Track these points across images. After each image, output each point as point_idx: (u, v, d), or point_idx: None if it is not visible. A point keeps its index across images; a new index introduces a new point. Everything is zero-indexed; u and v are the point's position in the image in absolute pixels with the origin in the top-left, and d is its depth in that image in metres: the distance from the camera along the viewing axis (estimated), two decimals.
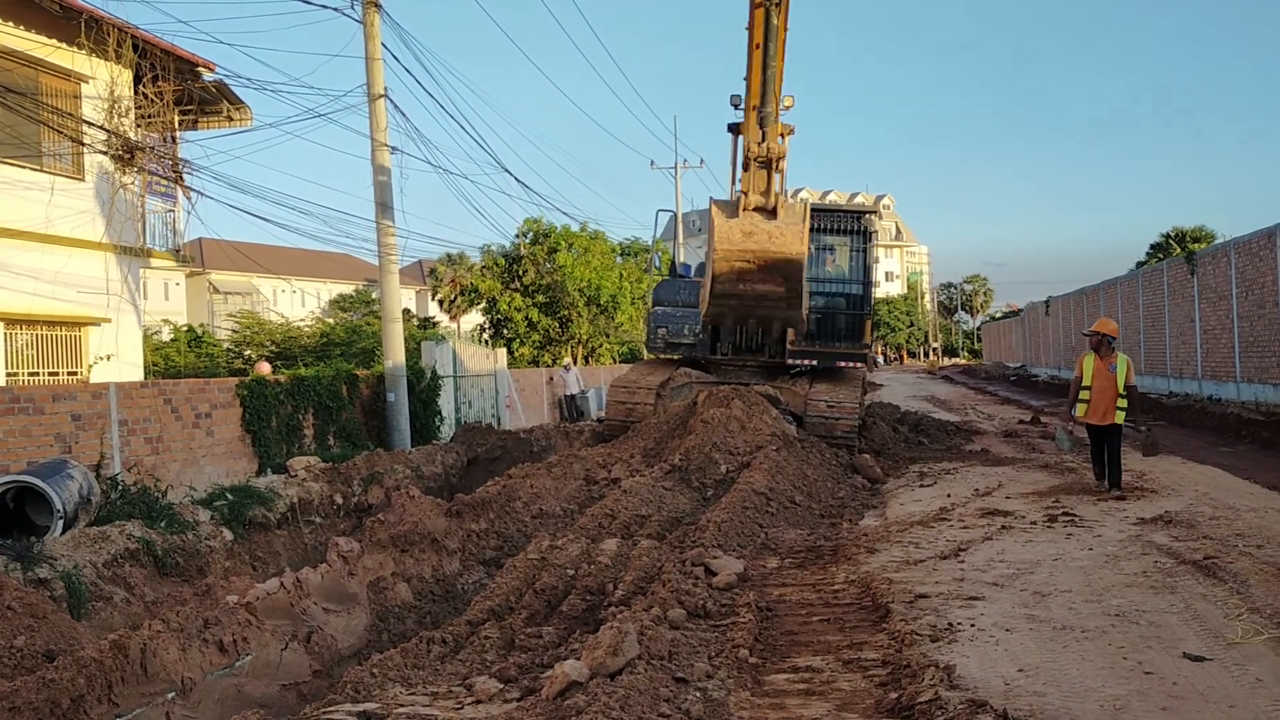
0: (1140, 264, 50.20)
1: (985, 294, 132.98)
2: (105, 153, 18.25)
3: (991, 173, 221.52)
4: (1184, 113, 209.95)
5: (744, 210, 13.86)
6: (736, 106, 14.45)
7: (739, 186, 14.30)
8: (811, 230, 14.90)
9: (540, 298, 38.32)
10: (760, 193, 13.86)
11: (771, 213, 13.86)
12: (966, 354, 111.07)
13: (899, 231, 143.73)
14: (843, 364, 17.93)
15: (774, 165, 13.81)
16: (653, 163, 51.86)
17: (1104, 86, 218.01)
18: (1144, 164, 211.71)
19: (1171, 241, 55.17)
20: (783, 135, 14.06)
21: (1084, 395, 12.07)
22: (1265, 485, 12.30)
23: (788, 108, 14.19)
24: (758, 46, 13.28)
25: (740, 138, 14.44)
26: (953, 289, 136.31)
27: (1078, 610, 6.89)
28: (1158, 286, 30.03)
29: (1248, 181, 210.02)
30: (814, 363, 17.71)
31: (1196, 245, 45.25)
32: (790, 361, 17.71)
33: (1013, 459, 15.87)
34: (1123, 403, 11.84)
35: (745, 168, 13.95)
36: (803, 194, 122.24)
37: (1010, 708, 4.94)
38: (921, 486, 13.40)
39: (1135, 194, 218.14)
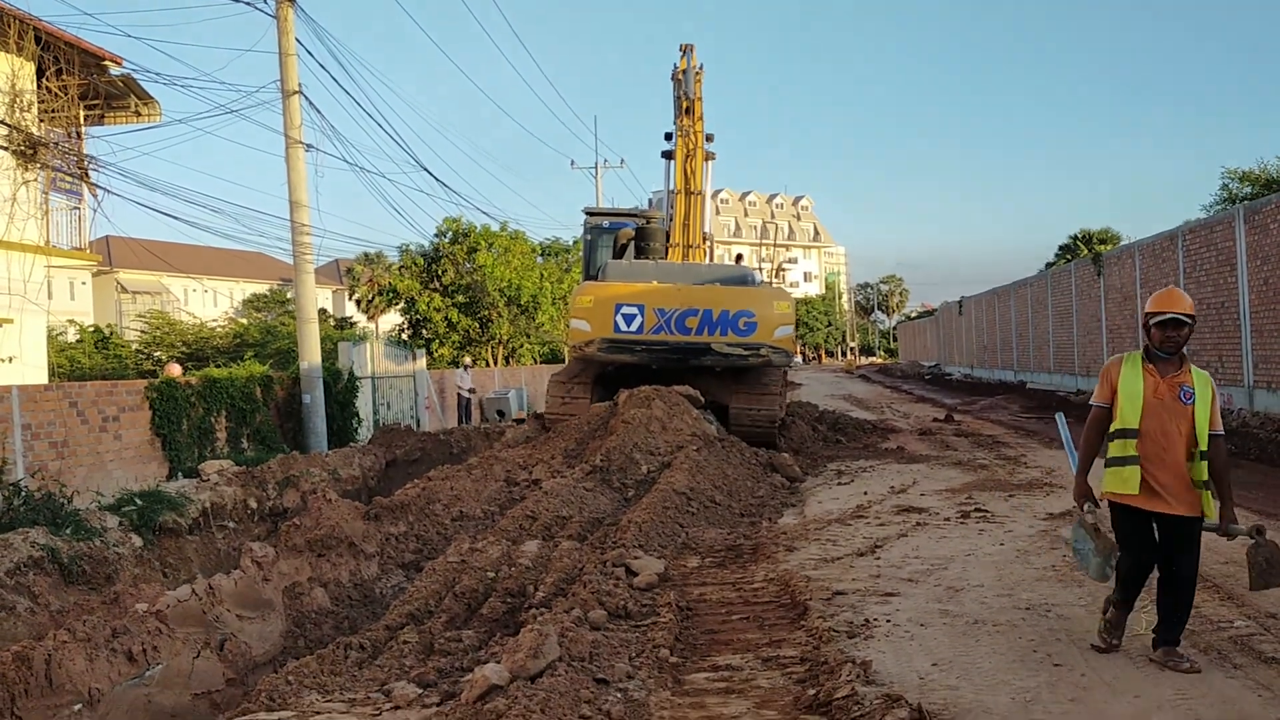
0: (1049, 265, 51.44)
1: (901, 294, 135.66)
2: (6, 148, 17.65)
3: (907, 175, 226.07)
4: (1089, 119, 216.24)
5: None
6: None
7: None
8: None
9: (460, 298, 37.93)
10: None
11: None
12: (883, 353, 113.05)
13: (817, 232, 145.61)
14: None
15: None
16: (573, 162, 51.53)
17: (1014, 92, 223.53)
18: (1053, 167, 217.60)
19: (1079, 243, 56.67)
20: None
21: (1120, 449, 5.90)
22: None
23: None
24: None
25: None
26: (869, 289, 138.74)
27: (989, 604, 7.06)
28: (1066, 287, 30.87)
29: (1150, 185, 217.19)
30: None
31: (1103, 247, 46.54)
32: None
33: (927, 456, 16.20)
34: (1202, 471, 5.75)
35: None
36: (722, 194, 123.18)
37: (925, 701, 5.03)
38: (839, 484, 13.59)
39: (1045, 196, 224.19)
